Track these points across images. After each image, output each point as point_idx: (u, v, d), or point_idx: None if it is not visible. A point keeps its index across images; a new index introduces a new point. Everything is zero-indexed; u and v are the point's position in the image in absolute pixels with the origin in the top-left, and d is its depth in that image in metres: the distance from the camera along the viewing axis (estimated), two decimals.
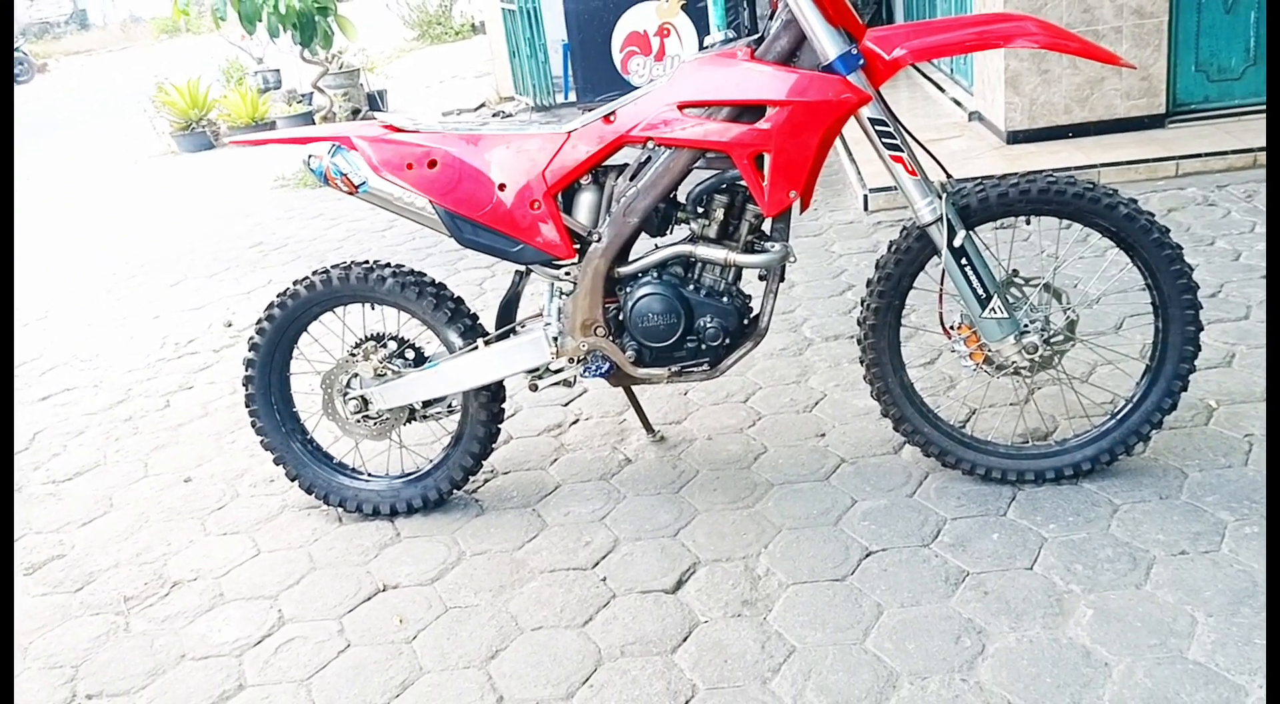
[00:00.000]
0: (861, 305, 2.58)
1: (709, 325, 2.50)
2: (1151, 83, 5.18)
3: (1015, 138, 5.32)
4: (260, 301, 4.95)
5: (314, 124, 9.60)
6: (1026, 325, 2.46)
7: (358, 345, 2.76)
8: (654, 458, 2.99)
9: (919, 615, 2.18)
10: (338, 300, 2.72)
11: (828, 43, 2.28)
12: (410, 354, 2.79)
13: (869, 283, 2.56)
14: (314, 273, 2.71)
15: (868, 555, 2.41)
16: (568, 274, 2.56)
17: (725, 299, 2.52)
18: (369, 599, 2.50)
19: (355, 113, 8.43)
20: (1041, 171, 2.46)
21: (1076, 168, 4.80)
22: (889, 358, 2.58)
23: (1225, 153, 4.78)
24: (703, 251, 2.48)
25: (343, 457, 2.94)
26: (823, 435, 2.98)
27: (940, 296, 2.59)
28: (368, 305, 2.77)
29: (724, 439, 3.04)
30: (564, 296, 2.59)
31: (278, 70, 11.82)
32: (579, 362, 2.63)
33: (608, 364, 2.57)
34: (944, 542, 2.42)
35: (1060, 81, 5.21)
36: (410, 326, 2.87)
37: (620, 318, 2.56)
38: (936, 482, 2.66)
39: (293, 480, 2.86)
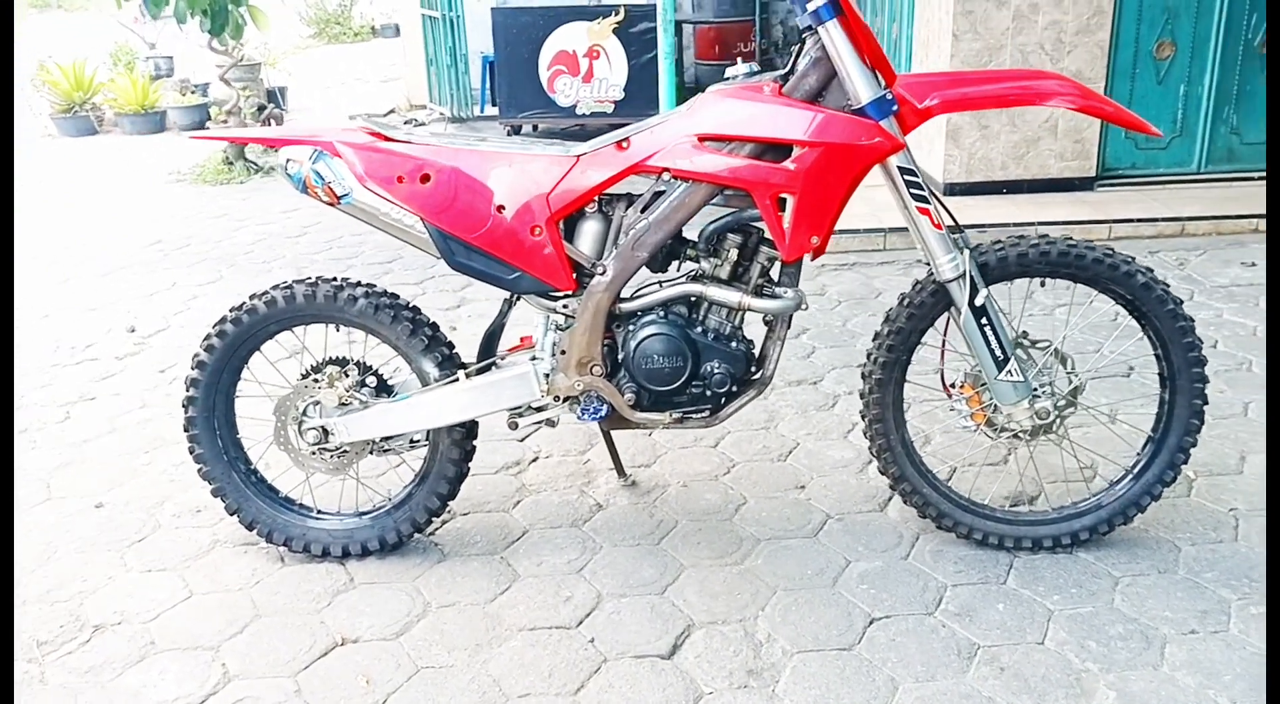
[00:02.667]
0: (867, 359, 2.48)
1: (716, 371, 2.35)
2: (1084, 146, 5.30)
3: (952, 190, 5.37)
4: (164, 306, 4.58)
5: (211, 117, 9.11)
6: (1037, 389, 2.39)
7: (317, 369, 2.51)
8: (627, 504, 2.82)
9: (936, 692, 2.07)
10: (299, 319, 2.47)
11: (862, 85, 2.18)
12: (372, 381, 2.55)
13: (876, 336, 2.46)
14: (276, 287, 2.45)
15: (871, 622, 2.29)
16: (565, 306, 2.38)
17: (733, 344, 2.38)
18: (326, 654, 2.25)
19: (260, 109, 8.01)
20: (1047, 234, 2.41)
21: (1015, 224, 4.85)
22: (892, 415, 2.48)
23: (1156, 220, 4.90)
24: (714, 293, 2.34)
25: (289, 490, 2.67)
26: (803, 488, 2.86)
27: (942, 353, 2.51)
28: (331, 326, 2.53)
29: (699, 487, 2.89)
30: (559, 331, 2.41)
31: (170, 58, 11.21)
32: (568, 401, 2.45)
33: (605, 406, 2.40)
34: (948, 610, 2.32)
35: (999, 138, 5.28)
36: (367, 349, 2.62)
37: (619, 357, 2.39)
38: (929, 543, 2.57)
39: (232, 514, 2.58)
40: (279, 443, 2.53)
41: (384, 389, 2.56)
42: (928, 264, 2.36)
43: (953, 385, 2.54)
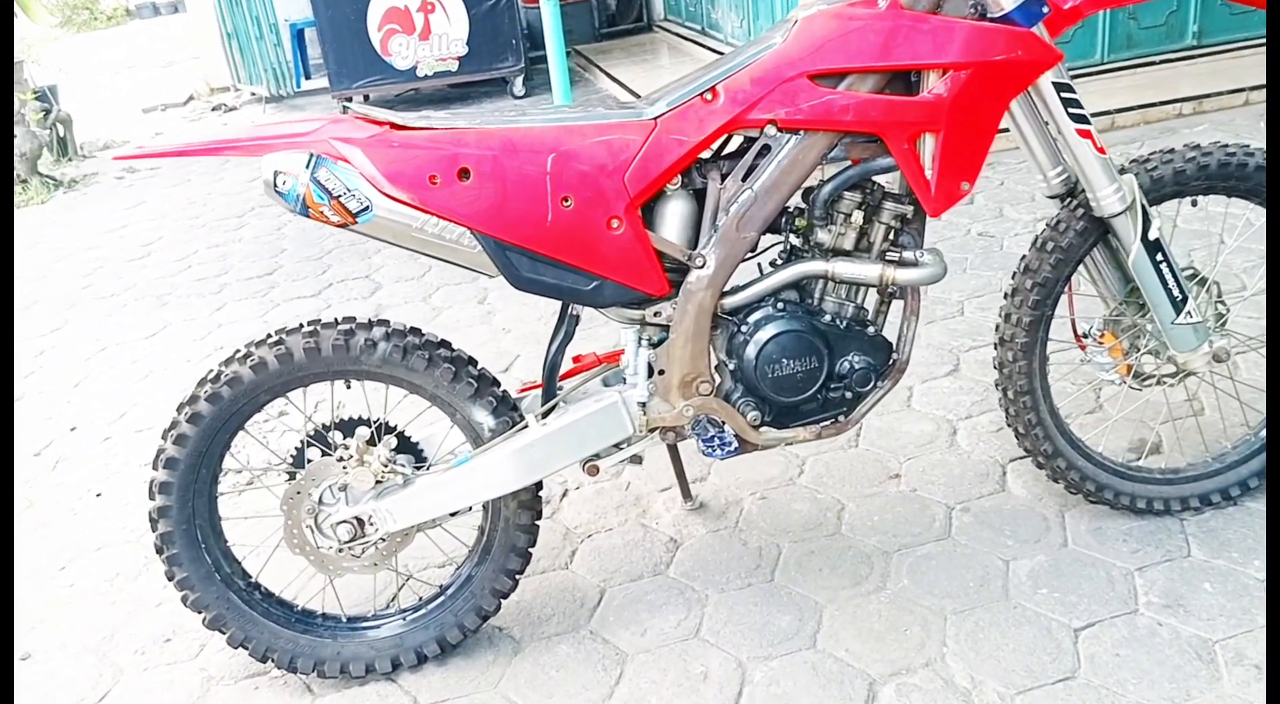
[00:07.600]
0: (1006, 321, 2.07)
1: (857, 365, 1.89)
2: None
3: None
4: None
5: None
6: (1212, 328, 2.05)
7: (319, 439, 1.90)
8: (707, 533, 2.33)
9: None
10: (298, 381, 1.86)
11: None
12: (391, 442, 1.96)
13: (1014, 292, 2.05)
14: (263, 343, 1.83)
15: (1078, 637, 1.91)
16: (657, 314, 1.85)
17: (869, 329, 1.92)
18: None
19: (46, 113, 6.87)
20: (1198, 143, 2.05)
21: None
22: (1040, 383, 2.09)
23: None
24: (844, 269, 1.86)
25: (308, 602, 2.05)
26: (897, 476, 2.45)
27: (1071, 299, 2.13)
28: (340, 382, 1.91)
29: (780, 497, 2.43)
30: (652, 347, 1.88)
31: None
32: (659, 431, 1.94)
33: (732, 433, 1.90)
34: (1152, 602, 1.97)
35: None
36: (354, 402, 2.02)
37: (731, 367, 1.90)
38: (1081, 522, 2.21)
39: (239, 646, 1.95)
40: (292, 545, 1.92)
41: (406, 448, 1.97)
42: (1071, 196, 1.98)
43: (1085, 336, 2.17)
